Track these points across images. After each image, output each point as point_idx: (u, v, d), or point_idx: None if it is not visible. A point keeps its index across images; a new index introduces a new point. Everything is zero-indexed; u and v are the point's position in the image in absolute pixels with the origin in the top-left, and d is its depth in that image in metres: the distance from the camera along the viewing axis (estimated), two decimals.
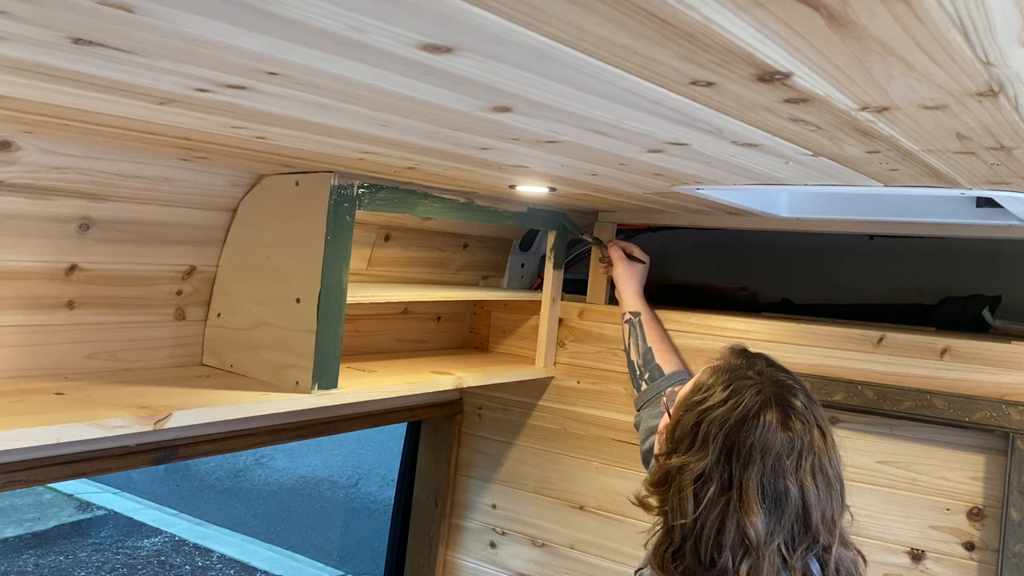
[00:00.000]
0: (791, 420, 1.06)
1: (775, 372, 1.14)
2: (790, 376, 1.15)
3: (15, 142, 1.18)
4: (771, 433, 1.04)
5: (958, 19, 0.45)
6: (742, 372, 1.12)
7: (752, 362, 1.16)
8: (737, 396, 1.08)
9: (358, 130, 0.93)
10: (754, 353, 1.20)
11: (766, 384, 1.10)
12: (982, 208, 1.53)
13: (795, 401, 1.08)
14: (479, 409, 2.29)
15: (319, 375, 1.44)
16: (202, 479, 7.56)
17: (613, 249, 1.95)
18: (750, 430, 1.04)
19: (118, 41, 0.58)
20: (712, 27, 0.49)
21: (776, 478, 1.02)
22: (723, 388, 1.10)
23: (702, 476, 1.04)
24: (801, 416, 1.07)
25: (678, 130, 0.83)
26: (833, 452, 1.09)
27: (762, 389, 1.08)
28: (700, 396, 1.12)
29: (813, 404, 1.12)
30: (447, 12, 0.48)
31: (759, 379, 1.11)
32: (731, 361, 1.17)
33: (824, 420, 1.11)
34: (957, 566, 1.62)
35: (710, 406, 1.09)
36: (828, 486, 1.06)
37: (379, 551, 3.84)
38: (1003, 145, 0.81)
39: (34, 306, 1.34)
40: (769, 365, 1.15)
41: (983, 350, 1.59)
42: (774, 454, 1.03)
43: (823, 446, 1.07)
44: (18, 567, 5.50)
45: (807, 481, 1.03)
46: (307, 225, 1.44)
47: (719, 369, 1.15)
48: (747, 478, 1.02)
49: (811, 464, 1.04)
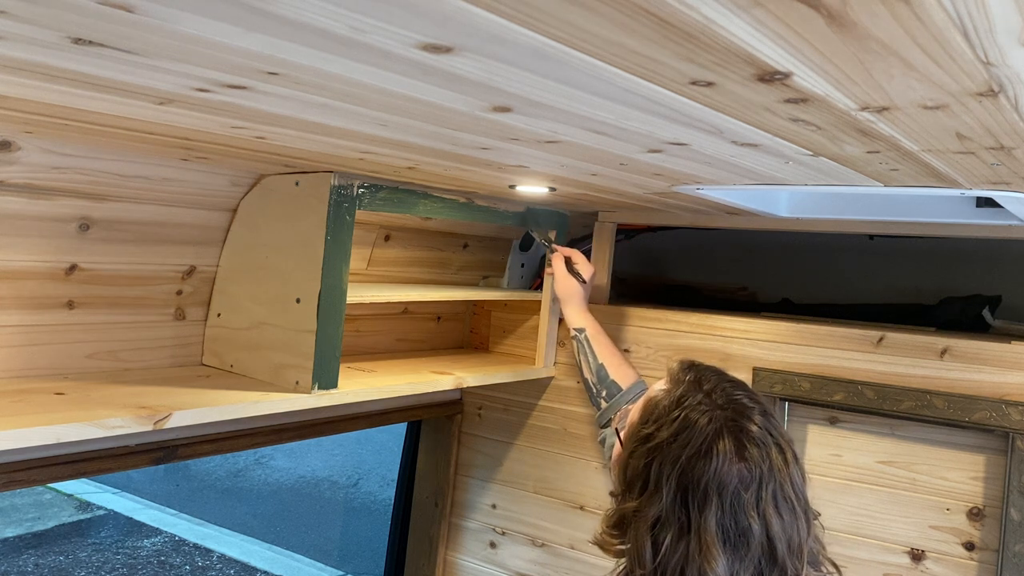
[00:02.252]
0: (747, 448, 1.00)
1: (727, 390, 1.08)
2: (743, 391, 1.09)
3: (15, 142, 1.18)
4: (727, 467, 0.98)
5: (958, 19, 0.45)
6: (691, 398, 1.06)
7: (701, 381, 1.09)
8: (688, 429, 1.02)
9: (358, 130, 0.93)
10: (703, 369, 1.13)
11: (717, 409, 1.04)
12: (982, 208, 1.53)
13: (750, 425, 1.02)
14: (479, 409, 2.29)
15: (319, 375, 1.44)
16: (202, 479, 7.56)
17: (556, 261, 1.83)
18: (704, 468, 0.98)
19: (118, 41, 0.58)
20: (712, 27, 0.49)
21: (737, 516, 0.97)
22: (672, 420, 1.04)
23: (659, 521, 0.99)
24: (757, 440, 1.01)
25: (678, 130, 0.83)
26: (795, 469, 1.03)
27: (713, 416, 1.03)
28: (649, 429, 1.06)
29: (770, 421, 1.06)
30: (447, 12, 0.48)
31: (709, 403, 1.05)
32: (680, 382, 1.11)
33: (782, 435, 1.06)
34: (957, 566, 1.62)
35: (660, 443, 1.03)
36: (792, 511, 1.00)
37: (379, 551, 3.84)
38: (1003, 145, 0.81)
39: (34, 306, 1.34)
40: (722, 382, 1.09)
41: (983, 350, 1.59)
42: (732, 490, 0.97)
43: (783, 467, 1.01)
44: (18, 567, 5.50)
45: (769, 512, 0.98)
46: (307, 225, 1.44)
47: (668, 395, 1.09)
48: (705, 520, 0.96)
49: (772, 492, 0.99)
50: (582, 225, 2.15)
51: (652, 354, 1.97)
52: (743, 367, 1.85)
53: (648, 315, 1.99)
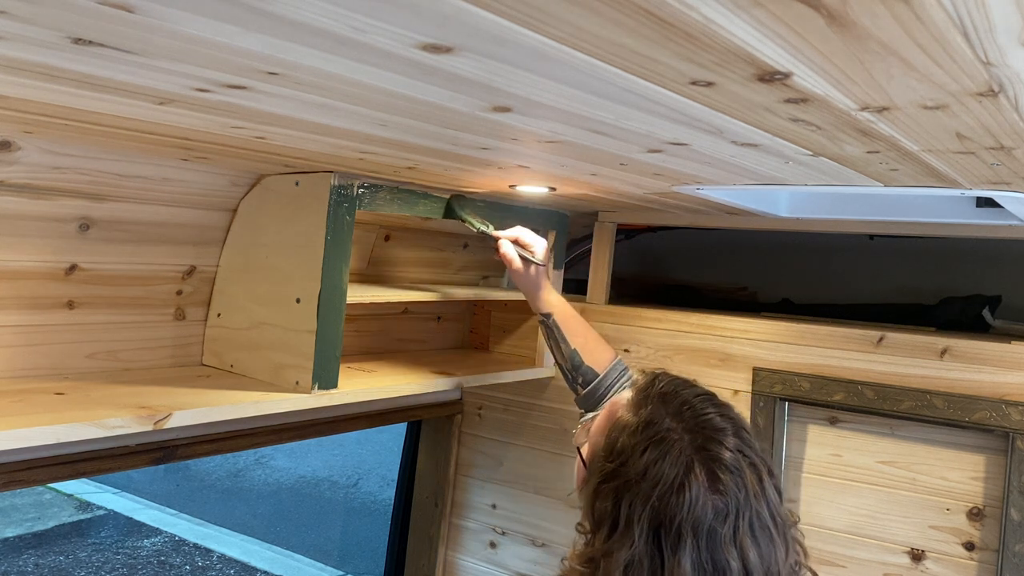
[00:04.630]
0: (721, 479, 0.94)
1: (697, 409, 1.01)
2: (713, 408, 1.03)
3: (15, 142, 1.18)
4: (700, 502, 0.93)
5: (958, 19, 0.45)
6: (659, 425, 0.99)
7: (668, 403, 1.02)
8: (657, 464, 0.95)
9: (358, 130, 0.93)
10: (670, 385, 1.07)
11: (687, 434, 0.98)
12: (982, 208, 1.53)
13: (722, 452, 0.96)
14: (479, 409, 2.29)
15: (319, 375, 1.44)
16: (202, 479, 7.56)
17: (503, 247, 1.58)
18: (677, 506, 0.92)
19: (118, 41, 0.58)
20: (712, 27, 0.49)
21: (713, 553, 0.92)
22: (640, 452, 0.97)
23: (631, 564, 0.94)
24: (731, 467, 0.95)
25: (678, 130, 0.83)
26: (770, 488, 0.98)
27: (683, 448, 0.96)
28: (615, 464, 0.99)
29: (743, 439, 1.00)
30: (447, 12, 0.48)
31: (679, 430, 0.98)
32: (646, 401, 1.04)
33: (756, 452, 1.00)
34: (957, 566, 1.62)
35: (628, 480, 0.96)
36: (769, 537, 0.96)
37: (379, 551, 3.84)
38: (1003, 145, 0.81)
39: (34, 306, 1.34)
40: (690, 399, 1.03)
41: (983, 350, 1.59)
42: (707, 528, 0.92)
43: (759, 490, 0.96)
44: (18, 567, 5.50)
45: (747, 544, 0.93)
46: (307, 225, 1.44)
47: (634, 420, 1.02)
48: (680, 561, 0.91)
49: (749, 521, 0.94)
50: (582, 225, 2.15)
51: (652, 354, 1.97)
52: (743, 367, 1.85)
53: (648, 315, 1.99)
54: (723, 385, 1.88)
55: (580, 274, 2.19)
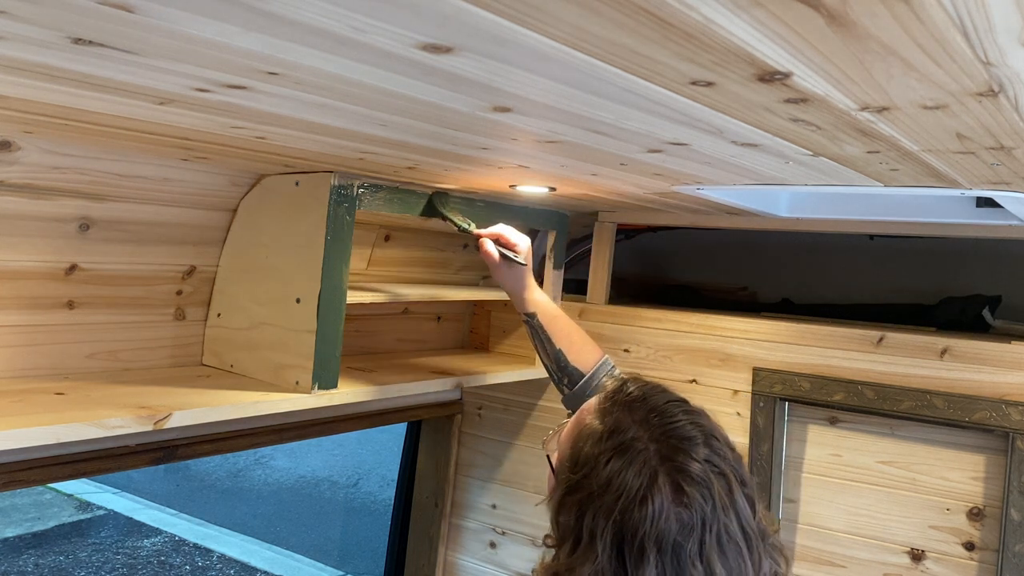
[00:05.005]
0: (686, 491, 0.90)
1: (666, 415, 0.97)
2: (684, 415, 0.98)
3: (15, 142, 1.18)
4: (664, 516, 0.88)
5: (958, 19, 0.45)
6: (623, 434, 0.95)
7: (635, 410, 0.98)
8: (621, 475, 0.91)
9: (358, 130, 0.93)
10: (638, 391, 1.02)
11: (653, 443, 0.93)
12: (982, 208, 1.53)
13: (689, 462, 0.92)
14: (479, 409, 2.29)
15: (319, 375, 1.44)
16: (202, 479, 7.56)
17: (485, 247, 1.53)
18: (640, 520, 0.88)
19: (118, 41, 0.58)
20: (712, 27, 0.49)
21: (679, 570, 0.87)
22: (604, 463, 0.93)
23: None
24: (698, 478, 0.91)
25: (678, 130, 0.83)
26: (740, 498, 0.93)
27: (648, 458, 0.92)
28: (579, 475, 0.95)
29: (714, 449, 0.95)
30: (447, 12, 0.48)
31: (645, 439, 0.94)
32: (612, 408, 1.00)
33: (728, 462, 0.95)
34: (957, 566, 1.62)
35: (592, 492, 0.93)
36: (738, 550, 0.92)
37: (379, 551, 3.84)
38: (1003, 145, 0.81)
39: (34, 306, 1.34)
40: (658, 406, 0.99)
41: (983, 350, 1.59)
42: (672, 543, 0.88)
43: (728, 502, 0.91)
44: (18, 567, 5.50)
45: (714, 560, 0.89)
46: (307, 225, 1.44)
47: (600, 427, 0.98)
48: None
49: (716, 535, 0.90)
50: (582, 225, 2.15)
51: (652, 354, 1.97)
52: (743, 367, 1.85)
53: (648, 315, 1.99)
54: (723, 385, 1.88)
55: (580, 274, 2.19)
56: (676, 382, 1.93)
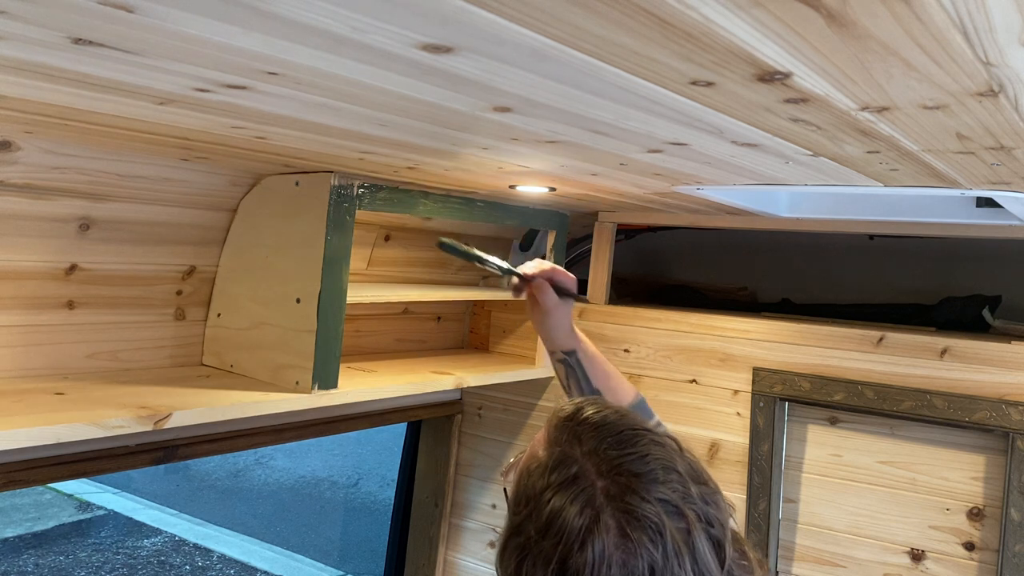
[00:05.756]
0: (631, 536, 0.78)
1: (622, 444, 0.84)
2: (644, 444, 0.85)
3: (15, 142, 1.18)
4: (606, 562, 0.77)
5: (958, 19, 0.45)
6: (570, 467, 0.83)
7: (585, 440, 0.85)
8: (562, 514, 0.80)
9: (358, 130, 0.93)
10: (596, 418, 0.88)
11: (600, 481, 0.81)
12: (982, 208, 1.53)
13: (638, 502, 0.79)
14: (479, 409, 2.29)
15: (319, 375, 1.44)
16: (202, 479, 7.56)
17: (542, 291, 1.31)
18: (580, 567, 0.77)
19: (118, 41, 0.58)
20: (712, 27, 0.49)
21: None
22: (547, 500, 0.82)
23: None
24: (648, 520, 0.78)
25: (678, 130, 0.83)
26: (700, 542, 0.80)
27: (593, 496, 0.80)
28: (520, 517, 0.84)
29: (672, 486, 0.82)
30: (447, 12, 0.48)
31: (592, 473, 0.82)
32: (560, 437, 0.88)
33: (692, 500, 0.82)
34: (957, 566, 1.62)
35: (530, 538, 0.82)
36: None
37: (379, 551, 3.84)
38: (1003, 145, 0.81)
39: (34, 306, 1.34)
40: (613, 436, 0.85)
41: (983, 350, 1.59)
42: None
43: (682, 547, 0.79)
44: (18, 567, 5.50)
45: None
46: (307, 225, 1.45)
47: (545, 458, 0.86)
48: None
49: None
50: (582, 225, 2.15)
51: (652, 354, 1.97)
52: (743, 367, 1.85)
53: (648, 315, 1.99)
54: (723, 385, 1.88)
55: (580, 274, 2.18)
56: (676, 382, 1.93)
